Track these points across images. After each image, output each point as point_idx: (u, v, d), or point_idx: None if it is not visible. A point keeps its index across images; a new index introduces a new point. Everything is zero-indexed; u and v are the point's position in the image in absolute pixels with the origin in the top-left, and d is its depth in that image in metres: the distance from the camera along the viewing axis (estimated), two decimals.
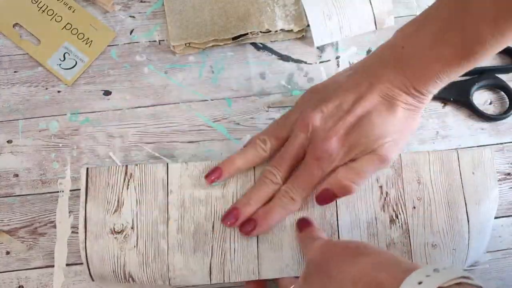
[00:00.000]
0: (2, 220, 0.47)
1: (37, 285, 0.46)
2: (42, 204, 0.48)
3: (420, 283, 0.31)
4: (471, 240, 0.44)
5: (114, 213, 0.43)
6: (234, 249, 0.43)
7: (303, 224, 0.44)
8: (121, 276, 0.43)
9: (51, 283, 0.46)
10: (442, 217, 0.44)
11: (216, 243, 0.43)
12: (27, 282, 0.46)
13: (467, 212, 0.44)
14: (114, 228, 0.43)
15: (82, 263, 0.44)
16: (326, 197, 0.42)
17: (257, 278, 0.43)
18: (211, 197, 0.44)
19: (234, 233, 0.43)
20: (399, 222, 0.44)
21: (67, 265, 0.46)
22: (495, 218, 0.47)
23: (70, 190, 0.48)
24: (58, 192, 0.48)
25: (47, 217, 0.48)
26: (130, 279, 0.43)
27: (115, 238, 0.43)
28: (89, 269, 0.43)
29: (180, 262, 0.43)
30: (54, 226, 0.47)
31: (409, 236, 0.44)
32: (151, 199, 0.44)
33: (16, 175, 0.49)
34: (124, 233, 0.43)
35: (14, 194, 0.48)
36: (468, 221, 0.44)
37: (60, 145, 0.50)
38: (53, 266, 0.46)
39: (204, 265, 0.43)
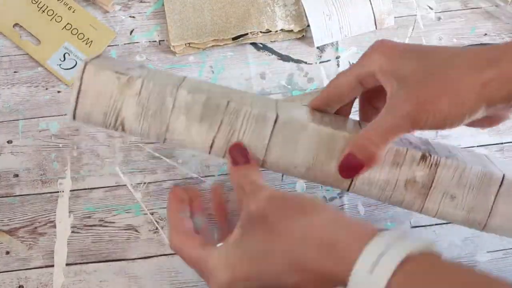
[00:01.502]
0: (2, 220, 0.47)
1: (37, 285, 0.46)
2: (42, 204, 0.48)
3: (381, 254, 0.28)
4: (497, 204, 0.38)
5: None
6: (244, 131, 0.38)
7: (239, 157, 0.38)
8: (111, 121, 0.38)
9: (51, 283, 0.46)
10: (476, 172, 0.38)
11: (227, 117, 0.38)
12: (27, 282, 0.46)
13: (503, 174, 0.38)
14: (120, 70, 0.38)
15: (82, 263, 0.44)
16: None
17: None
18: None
19: (248, 115, 0.38)
20: (430, 161, 0.38)
21: (67, 265, 0.46)
22: None
23: (70, 190, 0.48)
24: (58, 192, 0.48)
25: (47, 217, 0.48)
26: (120, 127, 0.38)
27: (118, 78, 0.37)
28: (76, 104, 0.38)
29: (182, 126, 0.38)
30: (54, 226, 0.47)
31: (433, 180, 0.38)
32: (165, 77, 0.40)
33: (16, 175, 0.49)
34: (128, 76, 0.38)
35: (14, 194, 0.48)
36: (501, 183, 0.38)
37: (60, 145, 0.50)
38: (53, 266, 0.47)
39: (207, 138, 0.39)
